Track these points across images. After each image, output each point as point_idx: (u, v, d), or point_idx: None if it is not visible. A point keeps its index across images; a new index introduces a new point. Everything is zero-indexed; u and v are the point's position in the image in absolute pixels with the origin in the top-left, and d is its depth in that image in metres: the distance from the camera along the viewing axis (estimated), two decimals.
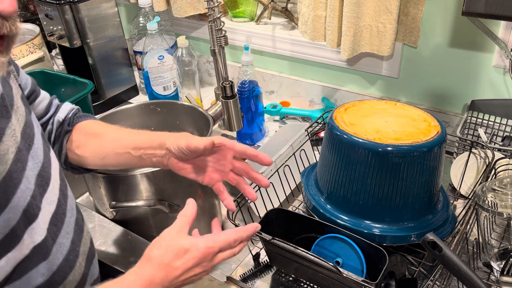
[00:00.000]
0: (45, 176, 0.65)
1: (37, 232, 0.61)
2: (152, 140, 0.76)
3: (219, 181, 0.79)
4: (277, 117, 1.42)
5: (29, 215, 0.60)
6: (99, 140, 0.80)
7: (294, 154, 1.03)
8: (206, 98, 1.53)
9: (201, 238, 0.66)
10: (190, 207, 0.71)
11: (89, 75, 1.44)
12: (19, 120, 0.62)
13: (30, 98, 0.77)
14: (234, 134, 1.34)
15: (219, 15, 1.04)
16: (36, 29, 1.47)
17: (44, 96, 0.81)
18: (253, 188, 0.83)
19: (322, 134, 1.19)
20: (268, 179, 0.94)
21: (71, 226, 0.69)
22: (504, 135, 1.11)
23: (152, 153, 0.76)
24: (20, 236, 0.58)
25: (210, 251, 0.65)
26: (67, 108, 0.84)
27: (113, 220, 1.02)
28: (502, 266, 0.77)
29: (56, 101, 0.84)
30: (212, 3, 1.01)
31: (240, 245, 0.70)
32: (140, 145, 0.77)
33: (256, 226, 0.72)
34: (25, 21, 1.69)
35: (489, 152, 0.97)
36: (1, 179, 0.56)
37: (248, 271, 0.90)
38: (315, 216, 0.88)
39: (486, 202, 0.80)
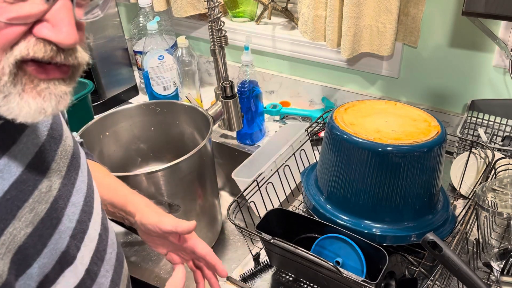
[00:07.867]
0: (87, 211, 0.59)
1: (74, 274, 0.55)
2: (126, 204, 0.77)
3: (180, 263, 0.78)
4: (277, 117, 1.42)
5: (68, 256, 0.54)
6: None
7: (294, 154, 1.03)
8: (206, 98, 1.53)
9: None
10: (180, 277, 0.69)
11: (89, 75, 1.44)
12: (67, 151, 0.57)
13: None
14: (234, 134, 1.35)
15: (219, 15, 1.04)
16: None
17: None
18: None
19: (322, 134, 1.19)
20: (268, 179, 0.95)
21: (111, 263, 0.64)
22: (504, 135, 1.11)
23: (125, 216, 0.78)
24: (53, 280, 0.52)
25: None
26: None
27: (113, 220, 1.02)
28: (502, 266, 0.77)
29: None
30: (212, 3, 1.01)
31: None
32: (115, 204, 0.78)
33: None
34: None
35: (489, 152, 0.97)
36: (39, 220, 0.50)
37: (248, 271, 0.90)
38: (315, 216, 0.88)
39: (486, 202, 0.80)
